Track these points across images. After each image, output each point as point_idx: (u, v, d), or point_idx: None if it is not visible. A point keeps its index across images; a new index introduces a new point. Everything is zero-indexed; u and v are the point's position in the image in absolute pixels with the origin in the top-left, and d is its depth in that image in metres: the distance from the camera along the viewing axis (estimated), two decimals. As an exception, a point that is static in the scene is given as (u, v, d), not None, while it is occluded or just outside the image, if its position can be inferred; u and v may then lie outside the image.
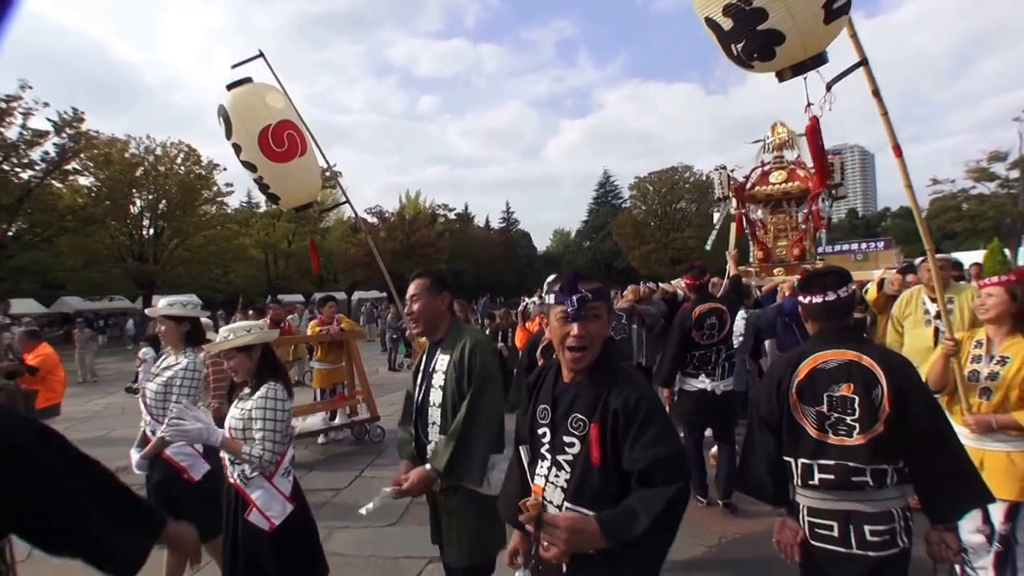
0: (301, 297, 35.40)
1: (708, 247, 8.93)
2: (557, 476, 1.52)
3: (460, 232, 46.34)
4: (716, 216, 8.92)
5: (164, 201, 28.61)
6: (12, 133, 20.89)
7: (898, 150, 2.42)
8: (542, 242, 65.13)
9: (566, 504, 1.48)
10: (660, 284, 8.26)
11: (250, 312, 6.94)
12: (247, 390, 2.50)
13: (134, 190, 27.44)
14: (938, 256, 4.45)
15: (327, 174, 32.32)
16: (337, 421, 6.68)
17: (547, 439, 1.57)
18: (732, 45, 2.18)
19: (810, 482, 1.85)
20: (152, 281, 27.91)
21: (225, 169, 30.91)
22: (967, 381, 2.62)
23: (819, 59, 2.15)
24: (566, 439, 1.51)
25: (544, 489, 1.53)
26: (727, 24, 2.11)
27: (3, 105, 20.29)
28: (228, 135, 4.37)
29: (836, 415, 1.82)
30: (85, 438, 7.17)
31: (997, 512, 2.50)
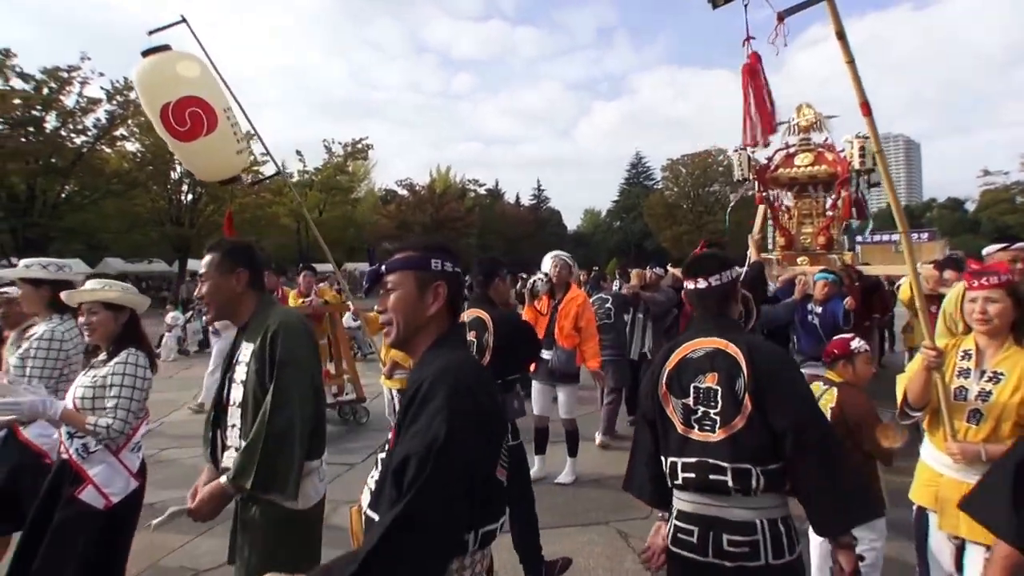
0: (331, 267, 36.04)
1: (726, 225, 8.69)
2: (373, 476, 1.29)
3: (490, 208, 46.38)
4: (732, 198, 8.63)
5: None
6: (70, 101, 22.02)
7: (866, 107, 2.01)
8: (572, 221, 64.72)
9: (365, 511, 1.24)
10: (670, 268, 7.55)
11: (281, 279, 7.00)
12: (102, 356, 2.30)
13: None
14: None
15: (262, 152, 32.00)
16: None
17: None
18: None
19: (676, 482, 1.71)
20: (188, 245, 28.75)
21: (255, 135, 31.44)
22: (952, 399, 2.16)
23: None
24: (390, 436, 1.28)
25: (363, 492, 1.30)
26: None
27: (64, 75, 21.34)
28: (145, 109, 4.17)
29: (702, 408, 1.66)
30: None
31: (976, 558, 2.05)
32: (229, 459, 1.88)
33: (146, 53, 3.95)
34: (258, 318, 1.95)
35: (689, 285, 1.83)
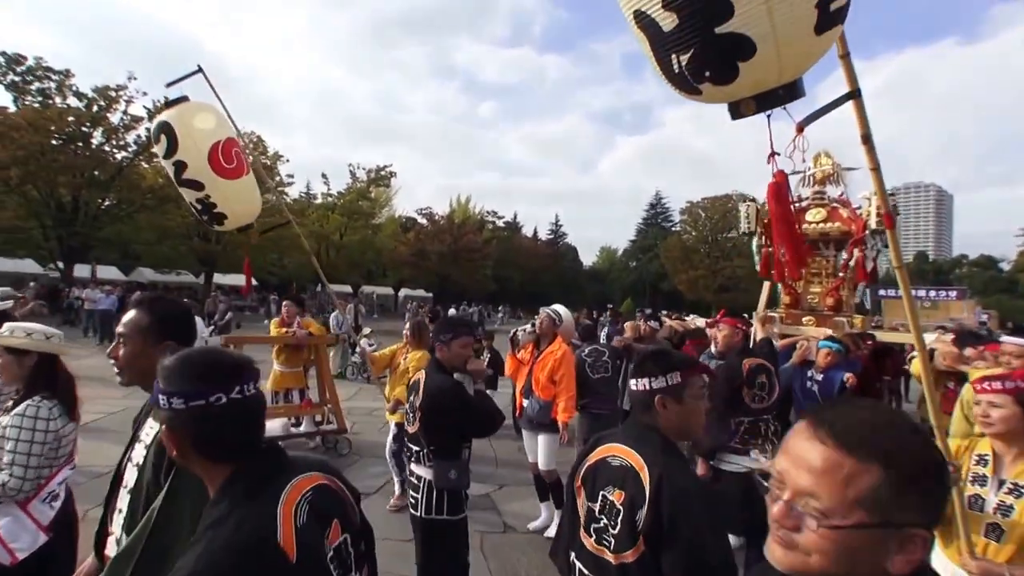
0: (349, 288, 36.75)
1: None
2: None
3: (507, 240, 47.13)
4: (755, 243, 7.77)
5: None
6: (115, 118, 23.39)
7: (889, 219, 2.03)
8: (588, 257, 65.27)
9: None
10: (665, 319, 7.08)
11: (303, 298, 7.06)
12: (8, 403, 2.18)
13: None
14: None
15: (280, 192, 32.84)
16: (304, 428, 6.28)
17: None
18: (673, 56, 1.53)
19: None
20: (214, 260, 29.73)
21: (288, 160, 32.78)
22: (967, 508, 1.96)
23: (794, 90, 1.58)
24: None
25: None
26: (668, 22, 1.46)
27: (113, 94, 22.85)
28: (171, 153, 4.10)
29: (604, 521, 1.52)
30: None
31: None
32: (112, 548, 1.60)
33: (169, 104, 4.14)
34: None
35: (631, 385, 1.67)
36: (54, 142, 21.78)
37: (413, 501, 2.74)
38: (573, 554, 1.61)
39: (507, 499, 5.11)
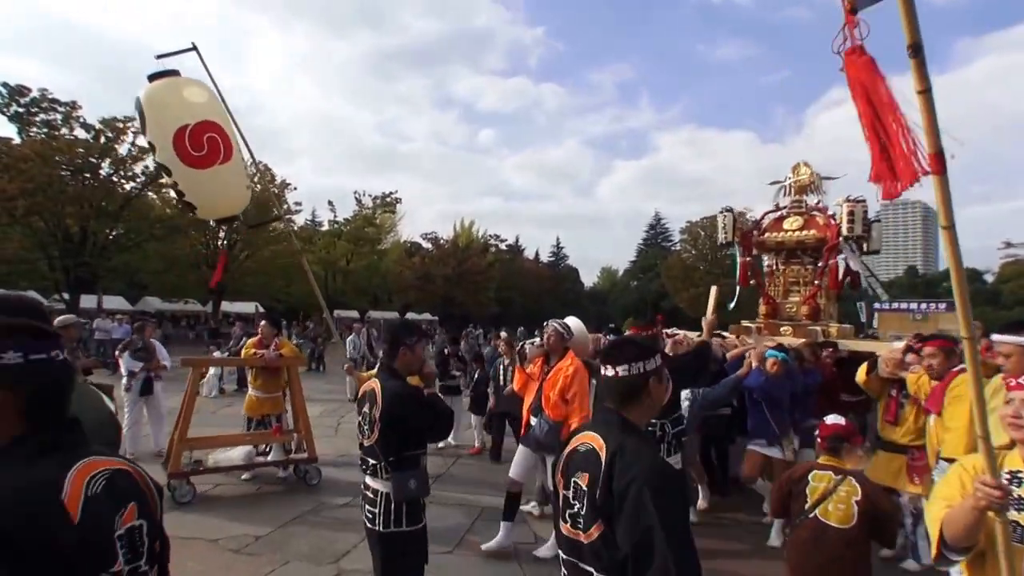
0: (356, 313, 36.87)
1: (730, 306, 7.65)
2: None
3: (510, 263, 47.47)
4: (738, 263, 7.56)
5: (240, 215, 30.87)
6: (123, 149, 23.67)
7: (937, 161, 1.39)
8: (589, 278, 65.61)
9: None
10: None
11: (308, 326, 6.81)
12: None
13: (215, 204, 29.86)
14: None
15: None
16: (272, 456, 5.85)
17: None
18: None
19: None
20: (223, 288, 29.87)
21: (296, 188, 33.21)
22: (1009, 539, 1.60)
23: None
24: None
25: None
26: None
27: (120, 125, 23.12)
28: (143, 131, 3.88)
29: (577, 505, 1.57)
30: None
31: None
32: None
33: (153, 77, 3.77)
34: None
35: (602, 371, 1.71)
36: (63, 173, 22.03)
37: (370, 516, 2.59)
38: (560, 551, 1.65)
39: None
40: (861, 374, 4.39)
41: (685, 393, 4.48)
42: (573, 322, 4.49)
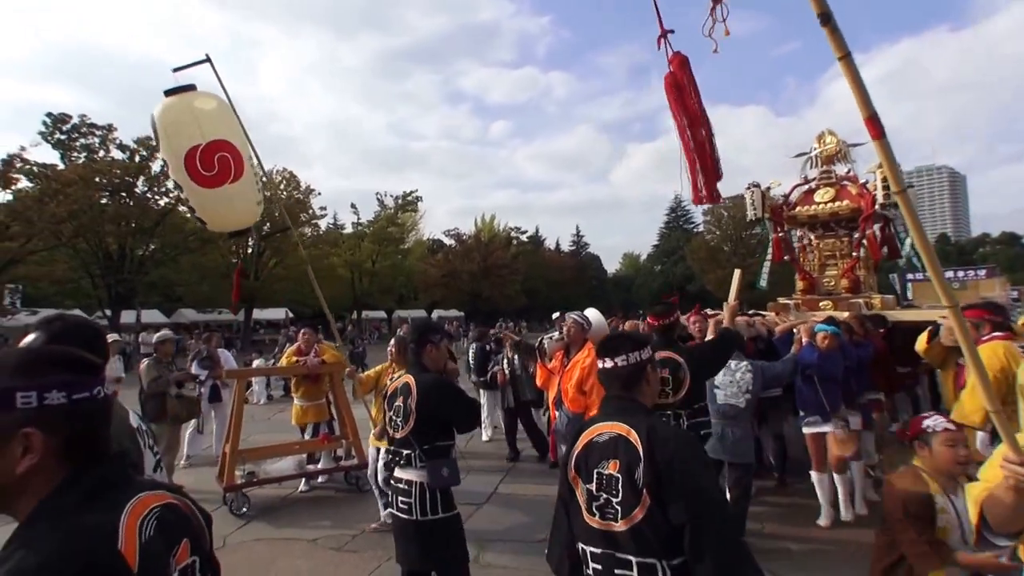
0: (384, 314, 37.43)
1: (763, 285, 7.55)
2: None
3: (532, 254, 47.54)
4: (766, 269, 7.45)
5: (268, 223, 31.51)
6: (156, 166, 24.43)
7: (873, 125, 1.32)
8: (611, 265, 65.32)
9: None
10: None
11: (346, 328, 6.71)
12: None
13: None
14: None
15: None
16: (321, 465, 5.89)
17: None
18: None
19: (587, 571, 1.63)
20: (253, 296, 30.61)
21: (320, 194, 33.81)
22: None
23: None
24: None
25: None
26: None
27: (153, 143, 24.00)
28: (158, 148, 3.96)
29: (604, 496, 1.58)
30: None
31: None
32: None
33: (170, 92, 3.77)
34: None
35: (599, 364, 1.79)
36: (103, 194, 22.92)
37: (405, 506, 2.67)
38: (580, 544, 1.65)
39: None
40: (922, 343, 4.14)
41: (744, 364, 4.19)
42: (592, 313, 4.47)
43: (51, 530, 0.88)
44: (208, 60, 4.08)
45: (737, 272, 4.02)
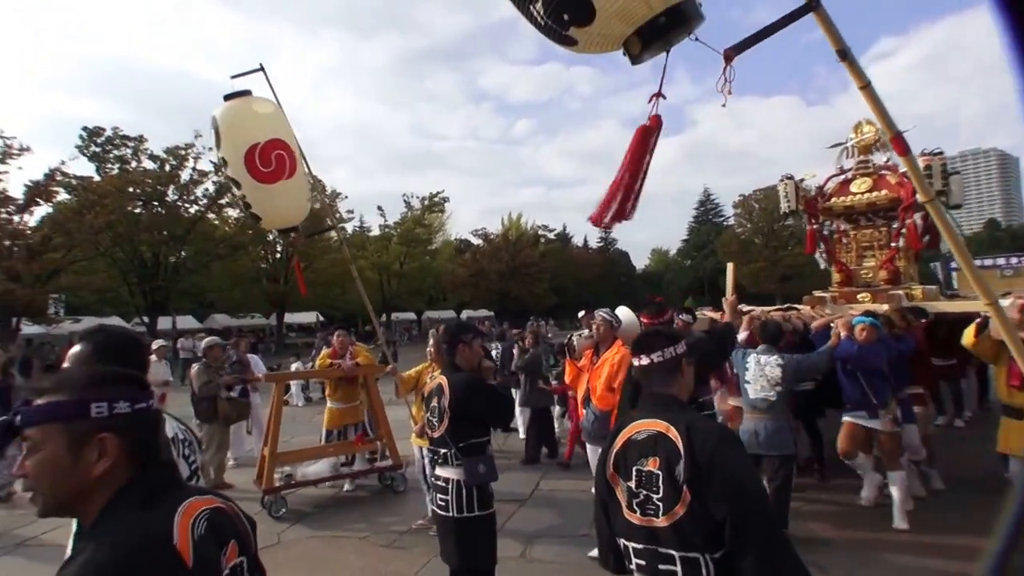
0: (413, 315, 37.62)
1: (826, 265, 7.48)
2: None
3: (560, 252, 47.22)
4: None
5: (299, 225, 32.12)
6: (185, 175, 25.14)
7: (900, 144, 1.58)
8: (639, 261, 64.45)
9: None
10: (707, 312, 6.50)
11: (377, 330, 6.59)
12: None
13: (272, 219, 31.22)
14: None
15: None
16: (356, 466, 5.95)
17: None
18: (531, 7, 1.43)
19: (630, 566, 1.64)
20: (283, 300, 31.14)
21: (346, 197, 34.17)
22: None
23: (681, 16, 1.35)
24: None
25: None
26: None
27: (182, 152, 24.67)
28: (217, 147, 4.24)
29: (644, 492, 1.58)
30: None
31: None
32: None
33: (228, 97, 4.11)
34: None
35: (634, 362, 1.80)
36: (136, 204, 23.61)
37: (443, 503, 2.73)
38: (622, 540, 1.64)
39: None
40: (969, 336, 3.95)
41: (774, 359, 4.21)
42: (622, 311, 4.46)
43: (116, 529, 0.97)
44: (262, 69, 4.47)
45: (730, 266, 4.03)
